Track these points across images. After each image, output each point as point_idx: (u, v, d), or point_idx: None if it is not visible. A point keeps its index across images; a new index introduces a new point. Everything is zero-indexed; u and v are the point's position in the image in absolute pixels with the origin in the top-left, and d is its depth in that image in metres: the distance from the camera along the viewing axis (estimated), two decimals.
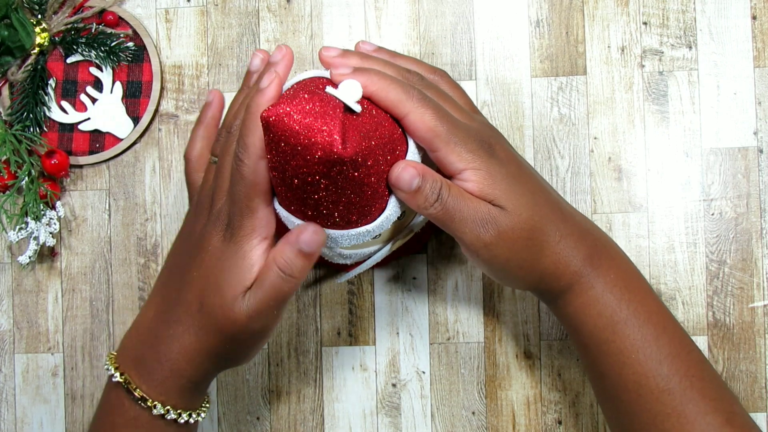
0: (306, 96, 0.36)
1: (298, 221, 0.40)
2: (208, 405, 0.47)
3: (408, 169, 0.39)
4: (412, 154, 0.41)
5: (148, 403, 0.43)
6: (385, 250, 0.46)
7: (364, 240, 0.41)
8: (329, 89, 0.37)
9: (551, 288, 0.44)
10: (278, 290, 0.40)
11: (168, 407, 0.43)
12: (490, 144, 0.43)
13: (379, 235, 0.43)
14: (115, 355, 0.45)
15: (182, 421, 0.44)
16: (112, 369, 0.44)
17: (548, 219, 0.43)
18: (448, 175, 0.42)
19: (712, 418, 0.42)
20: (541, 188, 0.45)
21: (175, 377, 0.43)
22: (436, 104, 0.41)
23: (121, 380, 0.43)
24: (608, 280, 0.44)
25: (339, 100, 0.37)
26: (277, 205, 0.40)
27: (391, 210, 0.40)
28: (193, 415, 0.45)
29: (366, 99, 0.39)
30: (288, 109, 0.35)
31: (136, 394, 0.43)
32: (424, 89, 0.43)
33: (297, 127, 0.35)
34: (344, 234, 0.40)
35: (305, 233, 0.39)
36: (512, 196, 0.42)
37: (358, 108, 0.37)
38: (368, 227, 0.40)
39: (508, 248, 0.42)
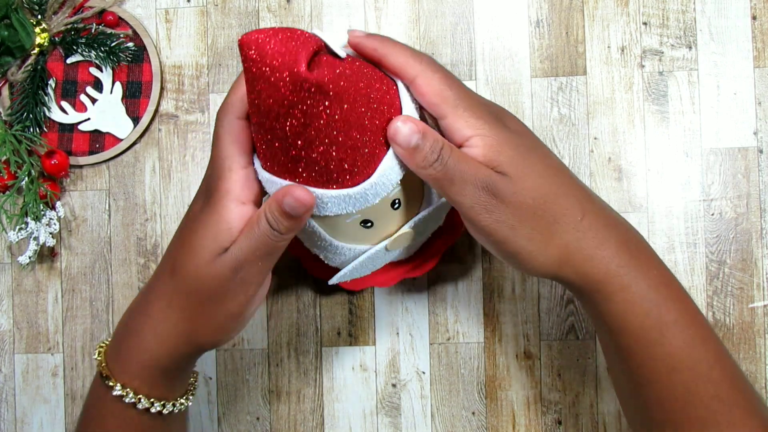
0: (288, 33, 0.37)
1: (282, 182, 0.39)
2: (188, 398, 0.44)
3: (408, 123, 0.37)
4: None
5: (120, 391, 0.41)
6: (378, 248, 0.45)
7: (347, 210, 0.40)
8: (314, 30, 0.38)
9: (582, 276, 0.41)
10: (266, 243, 0.39)
11: (140, 396, 0.41)
12: (501, 115, 0.41)
13: (372, 223, 0.42)
14: (107, 343, 0.44)
15: (154, 411, 0.41)
16: (96, 354, 0.43)
17: (565, 193, 0.41)
18: (456, 144, 0.40)
19: (756, 422, 0.39)
20: (561, 167, 0.42)
21: (147, 360, 0.41)
22: (445, 70, 0.40)
23: (99, 368, 0.42)
24: (652, 277, 0.41)
25: (324, 42, 0.37)
26: (260, 171, 0.40)
27: (378, 177, 0.39)
28: (168, 406, 0.42)
29: (369, 65, 0.39)
30: (264, 36, 0.36)
31: (110, 383, 0.41)
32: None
33: (268, 49, 0.35)
34: (326, 194, 0.39)
35: (289, 196, 0.37)
36: (519, 164, 0.39)
37: (342, 53, 0.37)
38: (350, 191, 0.39)
39: (512, 214, 0.39)
